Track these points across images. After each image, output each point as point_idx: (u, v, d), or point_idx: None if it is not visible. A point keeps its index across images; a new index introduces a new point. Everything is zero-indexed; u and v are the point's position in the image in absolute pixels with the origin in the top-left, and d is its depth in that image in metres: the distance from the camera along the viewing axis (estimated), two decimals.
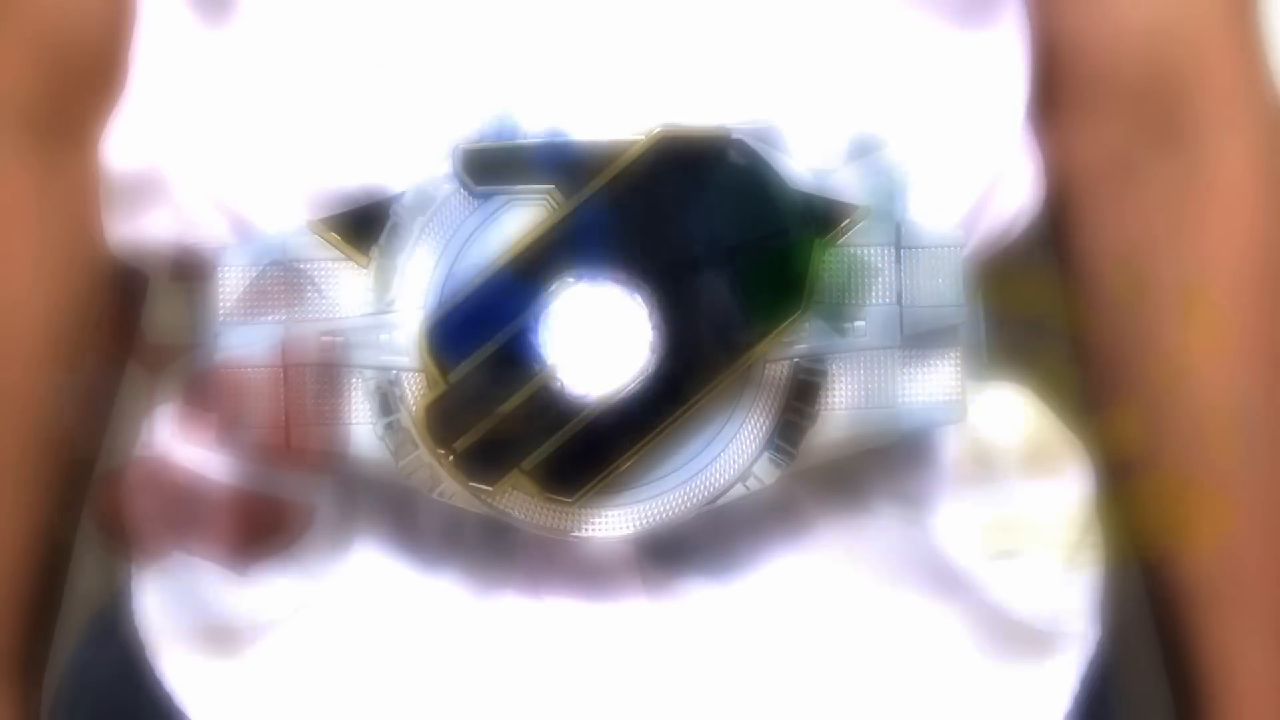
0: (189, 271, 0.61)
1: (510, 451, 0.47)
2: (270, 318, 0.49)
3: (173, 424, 0.60)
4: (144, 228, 0.59)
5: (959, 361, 0.51)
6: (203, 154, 0.55)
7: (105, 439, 0.73)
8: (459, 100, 0.50)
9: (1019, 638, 0.56)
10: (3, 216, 0.67)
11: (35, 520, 0.68)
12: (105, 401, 0.70)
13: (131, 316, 0.72)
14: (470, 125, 0.50)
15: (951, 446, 0.56)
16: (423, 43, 0.51)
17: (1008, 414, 0.59)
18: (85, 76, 0.63)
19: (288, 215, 0.52)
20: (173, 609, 0.57)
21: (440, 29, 0.52)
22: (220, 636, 0.55)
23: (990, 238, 0.59)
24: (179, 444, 0.58)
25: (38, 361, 0.67)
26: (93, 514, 0.71)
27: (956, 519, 0.56)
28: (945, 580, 0.54)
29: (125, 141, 0.60)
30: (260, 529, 0.53)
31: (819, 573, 0.53)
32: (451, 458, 0.47)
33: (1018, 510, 0.58)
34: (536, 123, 0.49)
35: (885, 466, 0.54)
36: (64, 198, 0.66)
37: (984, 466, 0.57)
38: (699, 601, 0.51)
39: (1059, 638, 0.59)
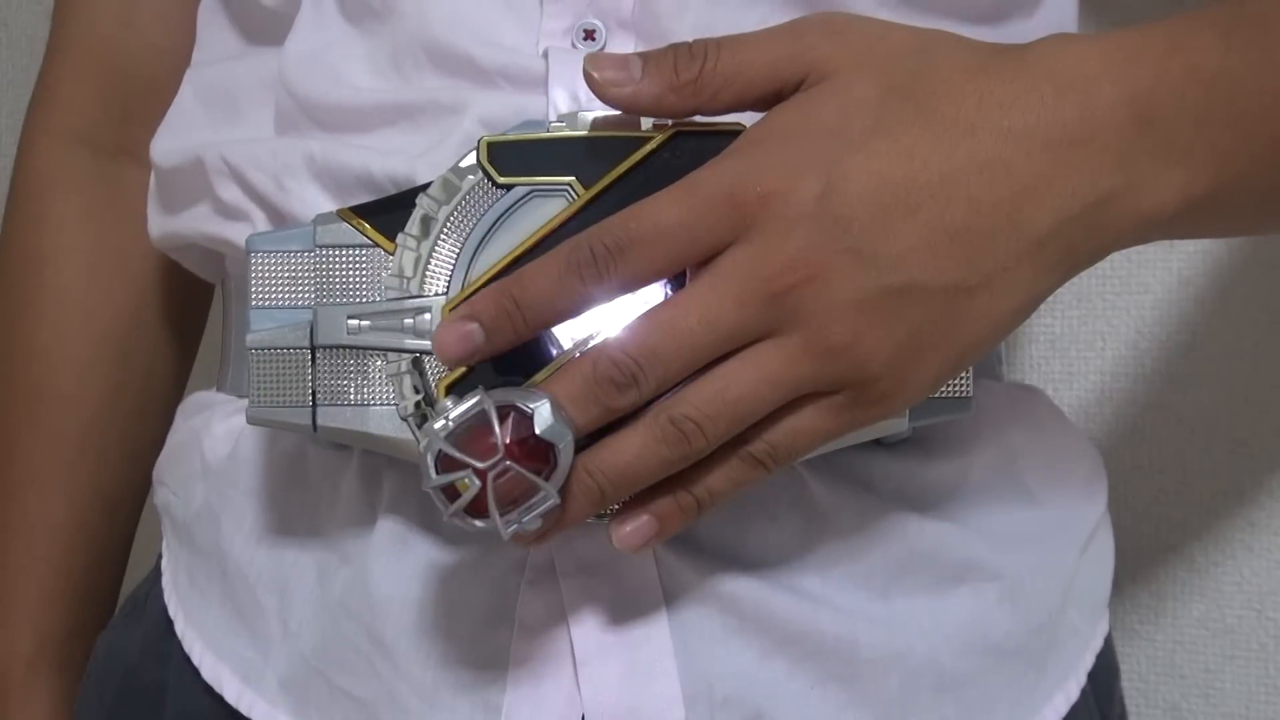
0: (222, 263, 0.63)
1: None
2: (300, 302, 0.50)
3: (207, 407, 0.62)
4: (184, 221, 0.61)
5: None
6: (241, 148, 0.57)
7: (162, 442, 0.75)
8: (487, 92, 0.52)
9: (1032, 629, 0.57)
10: (63, 231, 0.70)
11: (82, 518, 0.70)
12: (158, 403, 0.72)
13: (188, 322, 0.75)
14: (496, 118, 0.52)
15: (964, 440, 0.57)
16: (451, 35, 0.53)
17: (1023, 410, 0.60)
18: (143, 99, 0.67)
19: (319, 204, 0.54)
20: (197, 582, 0.59)
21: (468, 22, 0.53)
22: (242, 610, 0.56)
23: None
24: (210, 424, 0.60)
25: (90, 368, 0.70)
26: None
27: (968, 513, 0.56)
28: (953, 569, 0.55)
29: (169, 140, 0.62)
30: None
31: (831, 561, 0.54)
32: None
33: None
34: (557, 116, 0.51)
35: (893, 457, 0.55)
36: (121, 212, 0.69)
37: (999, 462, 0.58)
38: (710, 584, 0.52)
39: (1072, 627, 0.59)
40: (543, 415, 0.44)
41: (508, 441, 0.44)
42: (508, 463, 0.44)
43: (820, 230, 0.43)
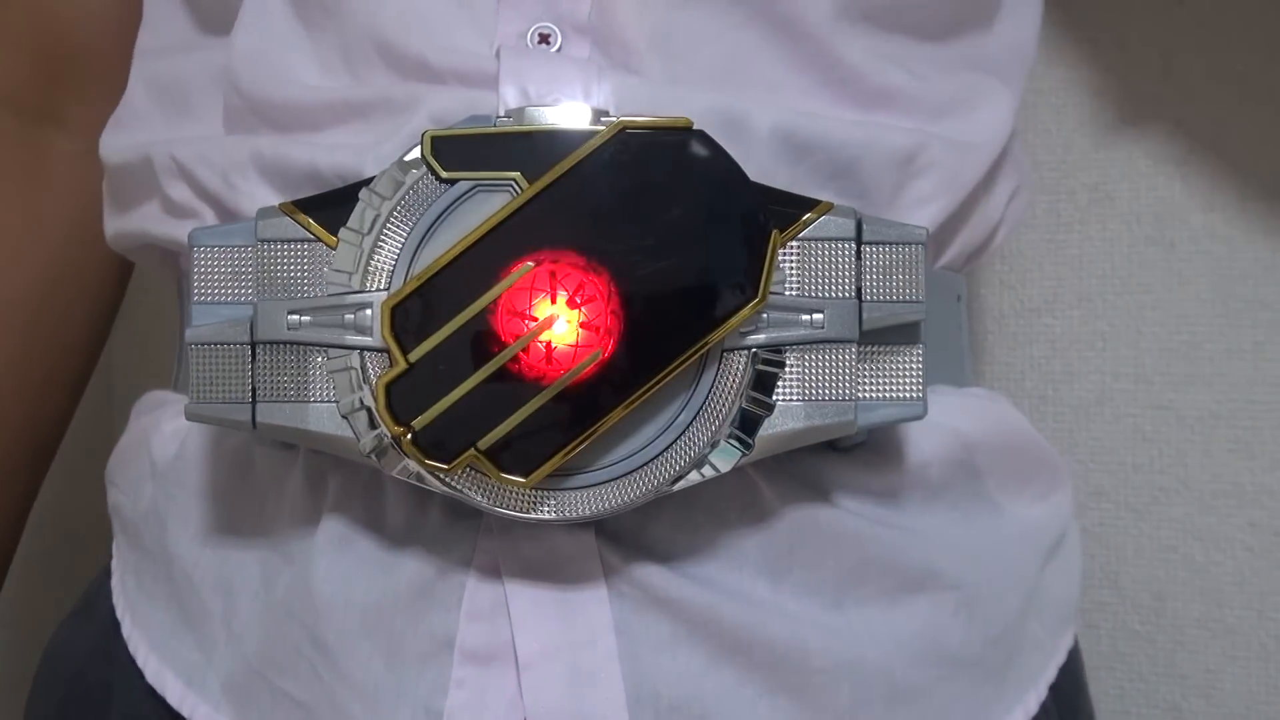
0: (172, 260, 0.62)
1: (467, 430, 0.47)
2: (243, 298, 0.50)
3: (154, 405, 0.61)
4: (135, 220, 0.60)
5: (920, 359, 0.51)
6: (190, 147, 0.56)
7: (67, 420, 0.74)
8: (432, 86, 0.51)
9: (990, 640, 0.56)
10: None
11: None
12: (65, 378, 0.72)
13: (108, 302, 0.74)
14: (447, 114, 0.51)
15: (921, 446, 0.55)
16: (404, 36, 0.52)
17: (984, 417, 0.59)
18: (74, 65, 0.65)
19: (268, 201, 0.53)
20: (144, 583, 0.58)
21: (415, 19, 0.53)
22: (188, 612, 0.56)
23: (973, 244, 0.59)
24: (159, 423, 0.59)
25: (5, 338, 0.68)
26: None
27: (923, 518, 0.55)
28: (908, 577, 0.54)
29: (118, 136, 0.61)
30: None
31: (782, 567, 0.52)
32: (410, 435, 0.47)
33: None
34: (505, 112, 0.50)
35: (847, 462, 0.54)
36: (42, 180, 0.68)
37: (958, 468, 0.57)
38: (658, 589, 0.51)
39: (1033, 639, 0.58)
40: None
41: None
42: None
43: None
